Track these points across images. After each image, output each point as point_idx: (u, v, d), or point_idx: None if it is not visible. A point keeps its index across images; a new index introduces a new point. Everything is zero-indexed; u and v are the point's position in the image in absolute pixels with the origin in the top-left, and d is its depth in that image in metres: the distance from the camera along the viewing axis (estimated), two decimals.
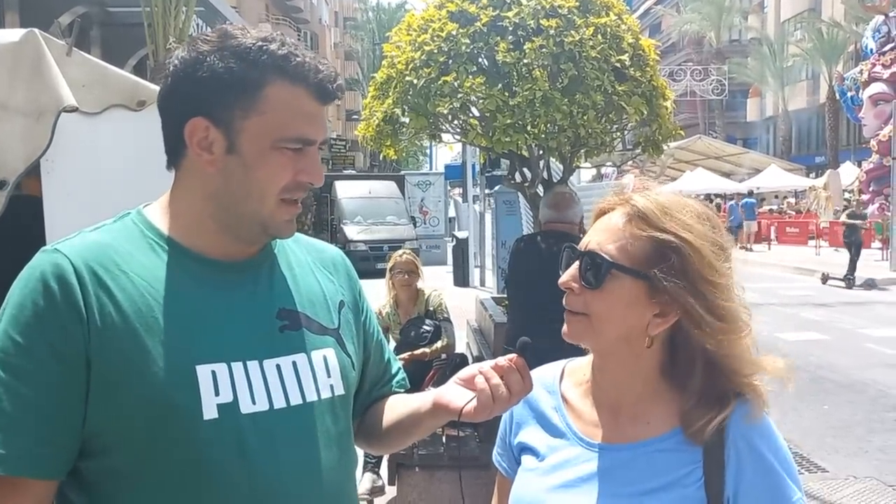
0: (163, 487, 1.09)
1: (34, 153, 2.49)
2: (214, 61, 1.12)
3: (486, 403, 1.17)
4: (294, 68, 1.13)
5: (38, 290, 1.08)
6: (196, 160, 1.16)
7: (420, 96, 4.40)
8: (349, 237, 18.56)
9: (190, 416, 1.08)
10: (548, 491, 1.20)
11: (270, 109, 1.13)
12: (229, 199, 1.16)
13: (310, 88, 1.14)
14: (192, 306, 1.13)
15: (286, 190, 1.16)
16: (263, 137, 1.13)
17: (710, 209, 1.23)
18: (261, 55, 1.12)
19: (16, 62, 2.52)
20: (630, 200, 1.18)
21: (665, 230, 1.13)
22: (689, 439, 1.15)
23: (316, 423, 1.19)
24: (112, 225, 1.20)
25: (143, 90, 2.94)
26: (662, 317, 1.15)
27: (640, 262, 1.14)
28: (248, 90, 1.12)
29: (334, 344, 1.26)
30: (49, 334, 1.06)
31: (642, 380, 1.20)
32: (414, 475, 4.03)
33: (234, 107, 1.12)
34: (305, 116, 1.15)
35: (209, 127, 1.13)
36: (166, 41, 6.79)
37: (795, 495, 1.14)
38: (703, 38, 43.18)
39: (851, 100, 27.33)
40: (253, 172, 1.14)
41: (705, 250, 1.13)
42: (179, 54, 1.16)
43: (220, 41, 1.14)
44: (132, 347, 1.08)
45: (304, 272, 1.29)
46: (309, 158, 1.16)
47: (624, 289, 1.15)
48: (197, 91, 1.13)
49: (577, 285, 1.18)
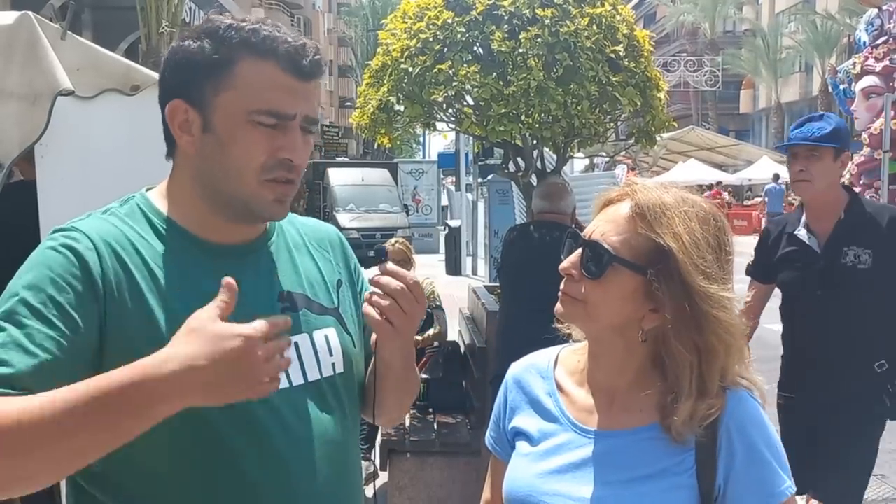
0: (174, 464, 1.11)
1: (30, 136, 2.49)
2: (190, 44, 1.15)
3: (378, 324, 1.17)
4: (262, 42, 1.14)
5: (58, 260, 1.09)
6: (181, 143, 1.18)
7: (415, 84, 4.40)
8: (342, 224, 18.45)
9: None
10: (541, 476, 1.22)
11: (241, 84, 1.14)
12: (210, 179, 1.17)
13: (280, 61, 1.14)
14: (199, 289, 1.13)
15: (266, 169, 1.15)
16: (235, 113, 1.14)
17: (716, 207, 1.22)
18: (230, 31, 1.14)
19: (10, 45, 2.51)
20: (635, 194, 1.18)
21: (657, 233, 1.14)
22: (664, 432, 1.16)
23: (320, 401, 1.21)
24: (119, 208, 1.21)
25: (137, 74, 2.93)
26: (657, 312, 1.16)
27: (640, 258, 1.15)
28: (218, 66, 1.14)
29: (335, 323, 1.28)
30: (66, 300, 1.06)
31: (634, 369, 1.22)
32: (405, 461, 4.06)
33: (205, 85, 1.14)
34: (277, 89, 1.14)
35: (188, 109, 1.15)
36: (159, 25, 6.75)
37: (784, 483, 1.16)
38: (698, 28, 43.14)
39: (844, 92, 27.28)
40: (228, 149, 1.15)
41: (695, 260, 1.13)
42: (171, 46, 1.20)
43: (200, 27, 1.17)
44: (147, 326, 1.10)
45: (301, 254, 1.30)
46: (287, 135, 1.15)
47: (622, 282, 1.16)
48: (175, 75, 1.17)
49: (577, 272, 1.19)
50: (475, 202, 15.86)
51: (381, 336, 1.21)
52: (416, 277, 1.21)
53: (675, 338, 1.15)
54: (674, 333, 1.14)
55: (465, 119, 4.60)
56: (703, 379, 1.15)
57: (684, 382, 1.15)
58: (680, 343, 1.15)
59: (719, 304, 1.14)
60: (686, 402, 1.14)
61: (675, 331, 1.14)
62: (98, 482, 1.14)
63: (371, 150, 40.95)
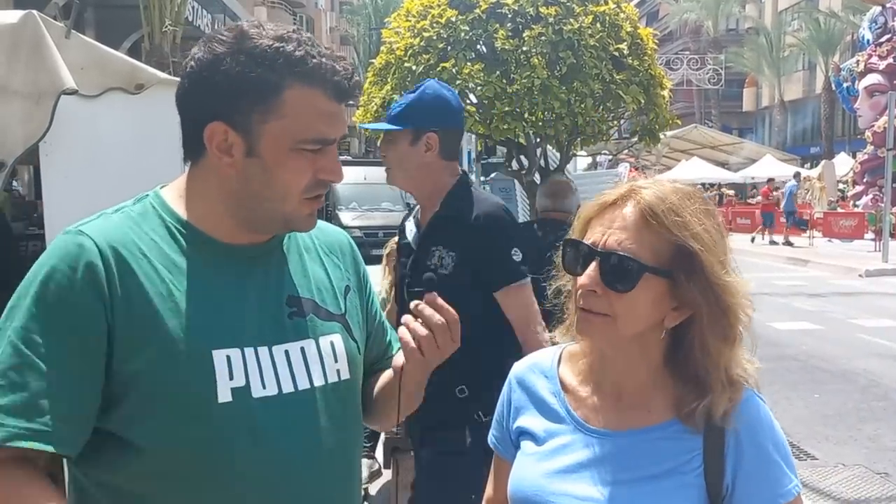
0: (177, 467, 1.11)
1: (34, 136, 2.49)
2: (231, 65, 1.12)
3: (410, 351, 1.19)
4: (311, 70, 1.13)
5: (63, 270, 1.10)
6: (216, 161, 1.17)
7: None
8: (344, 223, 18.47)
9: (205, 399, 1.11)
10: (547, 476, 1.22)
11: (289, 113, 1.13)
12: (250, 199, 1.17)
13: (327, 89, 1.15)
14: (208, 292, 1.15)
15: (307, 189, 1.17)
16: (283, 141, 1.14)
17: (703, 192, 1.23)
18: (277, 58, 1.12)
19: (15, 44, 2.51)
20: (639, 195, 1.16)
21: (679, 234, 1.13)
22: (685, 424, 1.16)
23: (323, 407, 1.21)
24: (132, 207, 1.21)
25: (142, 73, 2.93)
26: (679, 310, 1.16)
27: (665, 262, 1.13)
28: (265, 95, 1.12)
29: (341, 330, 1.28)
30: (72, 314, 1.09)
31: (646, 368, 1.21)
32: (408, 459, 4.05)
33: (252, 111, 1.13)
34: (323, 117, 1.16)
35: (227, 131, 1.14)
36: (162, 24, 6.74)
37: (791, 483, 1.17)
38: (701, 26, 43.06)
39: (847, 90, 27.33)
40: (274, 174, 1.15)
41: (717, 252, 1.14)
42: (196, 54, 1.16)
43: (237, 42, 1.13)
44: (153, 330, 1.10)
45: (311, 259, 1.31)
46: (328, 157, 1.18)
47: (650, 288, 1.14)
48: (214, 95, 1.14)
49: (601, 288, 1.14)
50: None
51: (408, 362, 1.21)
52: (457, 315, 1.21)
53: (709, 332, 1.15)
54: (708, 328, 1.14)
55: (468, 117, 4.60)
56: (727, 370, 1.16)
57: (715, 374, 1.15)
58: (713, 337, 1.15)
59: (738, 292, 1.15)
60: (722, 394, 1.14)
61: (708, 325, 1.14)
62: (102, 482, 1.15)
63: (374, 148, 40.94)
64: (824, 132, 34.67)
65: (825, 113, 34.34)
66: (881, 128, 21.42)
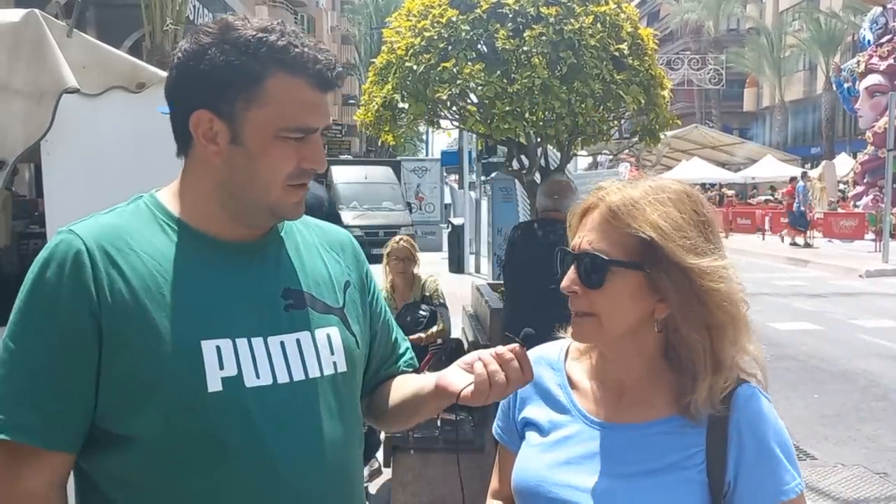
0: (171, 457, 1.13)
1: (35, 135, 2.50)
2: (215, 54, 1.15)
3: (482, 389, 1.19)
4: (293, 59, 1.16)
5: (52, 268, 1.13)
6: (203, 150, 1.19)
7: (419, 82, 4.41)
8: (345, 222, 18.42)
9: (195, 389, 1.12)
10: (551, 467, 1.23)
11: (272, 101, 1.15)
12: (236, 188, 1.19)
13: (310, 78, 1.17)
14: (199, 285, 1.17)
15: (290, 177, 1.19)
16: (266, 128, 1.16)
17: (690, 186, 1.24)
18: (260, 47, 1.15)
19: (16, 43, 2.52)
20: (606, 198, 1.21)
21: (635, 225, 1.16)
22: (687, 419, 1.18)
23: (319, 398, 1.22)
24: (125, 207, 1.24)
25: (143, 72, 2.94)
26: (664, 302, 1.18)
27: (633, 255, 1.17)
28: (249, 83, 1.15)
29: (338, 323, 1.29)
30: (61, 311, 1.12)
31: (644, 363, 1.23)
32: (409, 458, 4.07)
33: (236, 99, 1.15)
34: (306, 105, 1.18)
35: (213, 119, 1.16)
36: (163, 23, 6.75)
37: (794, 481, 1.17)
38: (702, 26, 43.05)
39: (848, 91, 27.33)
40: (257, 162, 1.17)
41: (678, 241, 1.15)
42: (183, 46, 1.19)
43: (221, 33, 1.16)
44: (141, 323, 1.12)
45: (310, 253, 1.32)
46: (311, 146, 1.20)
47: (625, 283, 1.17)
48: (200, 84, 1.16)
49: (579, 287, 1.20)
50: (478, 200, 15.85)
51: (475, 393, 1.20)
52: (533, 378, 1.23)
53: (684, 321, 1.16)
54: (681, 318, 1.16)
55: (469, 117, 4.61)
56: (716, 356, 1.17)
57: (699, 363, 1.17)
58: (690, 326, 1.16)
59: (716, 275, 1.16)
60: (703, 381, 1.16)
61: (682, 315, 1.16)
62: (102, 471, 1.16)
63: (374, 147, 40.95)
64: (825, 132, 34.66)
65: (826, 113, 34.34)
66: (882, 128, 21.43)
